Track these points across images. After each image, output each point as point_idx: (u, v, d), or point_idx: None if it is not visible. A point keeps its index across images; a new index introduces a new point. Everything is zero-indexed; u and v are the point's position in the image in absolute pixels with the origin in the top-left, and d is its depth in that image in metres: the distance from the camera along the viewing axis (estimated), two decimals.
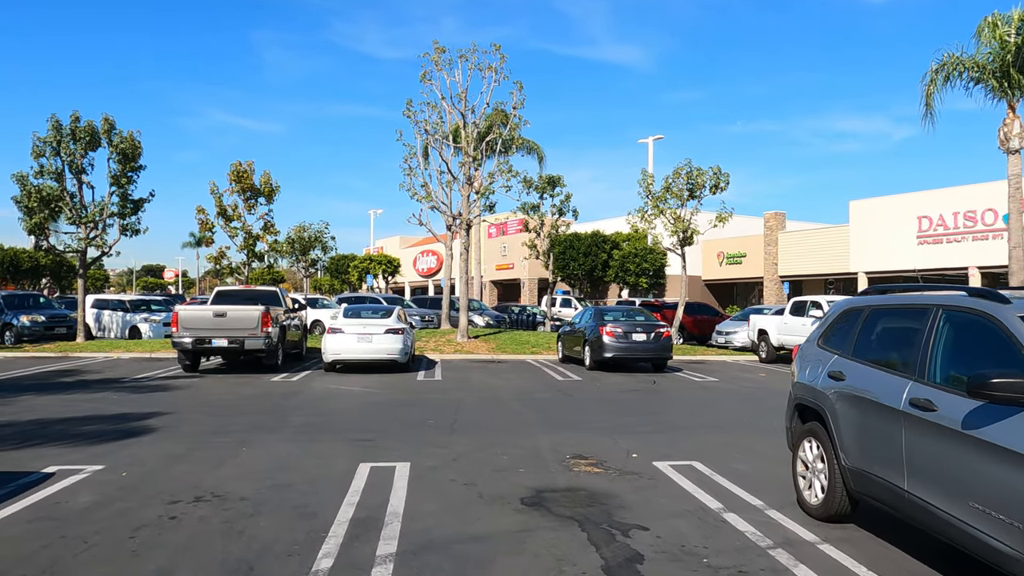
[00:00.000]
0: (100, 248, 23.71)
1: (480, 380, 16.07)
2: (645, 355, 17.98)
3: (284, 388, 14.31)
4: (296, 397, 13.04)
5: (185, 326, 16.33)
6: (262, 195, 23.78)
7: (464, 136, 23.80)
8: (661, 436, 9.61)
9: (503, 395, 13.59)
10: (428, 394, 13.66)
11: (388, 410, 11.62)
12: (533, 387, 14.91)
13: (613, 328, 17.77)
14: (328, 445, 8.70)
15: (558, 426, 10.23)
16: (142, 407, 11.57)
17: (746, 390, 15.14)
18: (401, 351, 17.16)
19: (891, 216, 42.77)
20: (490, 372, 17.86)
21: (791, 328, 20.29)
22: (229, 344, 16.35)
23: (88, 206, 23.42)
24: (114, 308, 27.08)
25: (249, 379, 15.79)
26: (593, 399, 13.32)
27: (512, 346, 23.64)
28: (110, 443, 8.67)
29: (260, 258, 24.48)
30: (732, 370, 19.25)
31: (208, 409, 11.52)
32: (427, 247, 79.13)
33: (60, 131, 22.61)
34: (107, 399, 12.53)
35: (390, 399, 12.92)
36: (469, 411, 11.55)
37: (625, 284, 36.10)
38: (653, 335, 17.86)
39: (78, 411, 11.10)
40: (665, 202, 25.02)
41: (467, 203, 23.99)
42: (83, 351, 21.86)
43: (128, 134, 23.25)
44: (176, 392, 13.62)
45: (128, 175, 23.46)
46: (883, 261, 43.26)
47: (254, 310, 16.49)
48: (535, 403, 12.57)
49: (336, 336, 16.96)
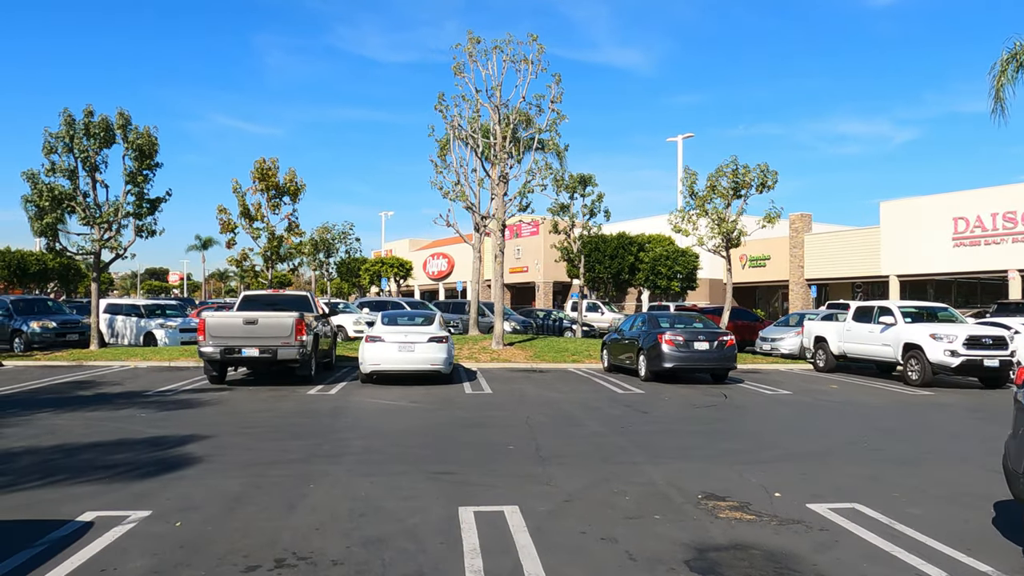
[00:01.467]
0: (115, 250, 22.42)
1: (535, 393, 14.75)
2: (707, 365, 16.64)
3: (326, 403, 12.99)
4: (344, 415, 11.72)
5: (213, 334, 15.02)
6: (287, 194, 22.43)
7: (498, 131, 22.50)
8: (786, 466, 8.27)
9: (571, 411, 12.26)
10: (488, 411, 12.33)
11: (454, 432, 10.30)
12: (597, 401, 13.58)
13: (673, 336, 16.44)
14: (407, 479, 7.38)
15: (659, 453, 8.91)
16: (176, 428, 10.26)
17: (832, 405, 13.79)
18: (445, 361, 15.84)
19: (925, 217, 41.39)
20: (539, 383, 16.54)
21: (856, 336, 18.94)
22: (260, 354, 15.03)
23: (102, 205, 22.14)
24: (127, 313, 25.78)
25: (283, 392, 14.48)
26: (673, 417, 11.98)
27: (550, 354, 22.31)
28: (151, 478, 7.36)
29: (284, 260, 23.17)
30: (795, 380, 17.90)
31: (251, 431, 10.21)
32: (437, 250, 77.94)
33: (73, 126, 21.34)
34: (134, 418, 11.22)
35: (450, 417, 11.59)
36: (546, 433, 10.23)
37: (656, 288, 34.74)
38: (716, 344, 16.53)
39: (105, 434, 9.79)
40: (711, 201, 23.69)
41: (501, 202, 22.69)
42: (98, 359, 20.56)
43: (144, 129, 21.97)
44: (208, 409, 12.30)
45: (144, 173, 22.17)
46: (916, 264, 41.88)
47: (287, 317, 15.19)
48: (613, 422, 11.25)
49: (375, 345, 15.64)
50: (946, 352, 16.10)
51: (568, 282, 62.75)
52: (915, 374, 16.68)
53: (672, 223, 24.62)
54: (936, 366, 16.32)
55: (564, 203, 29.46)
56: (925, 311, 18.27)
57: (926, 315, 18.06)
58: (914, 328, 17.00)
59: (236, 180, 22.04)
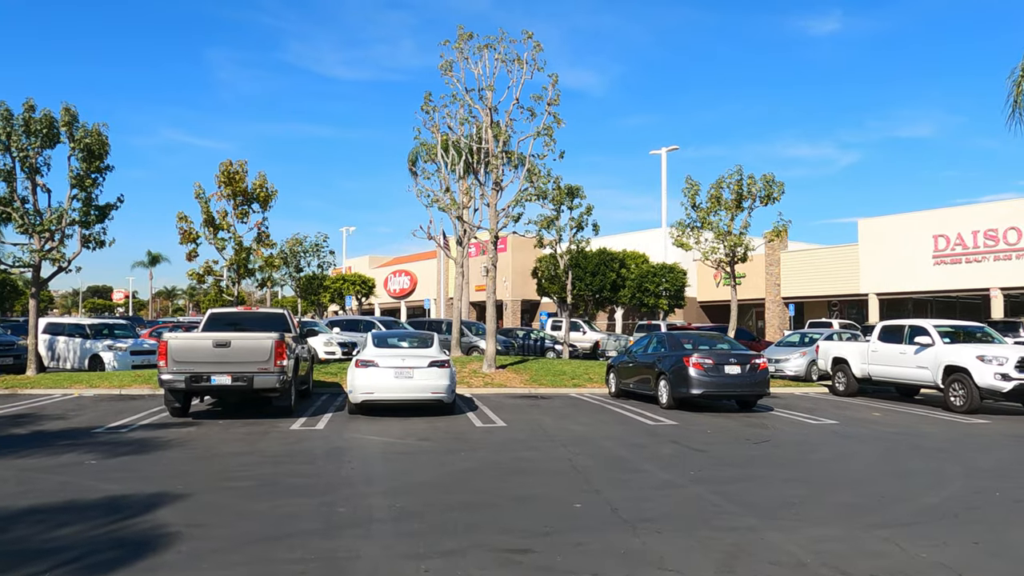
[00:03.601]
0: (57, 262, 19.83)
1: (555, 426, 12.83)
2: (740, 392, 14.96)
3: (317, 442, 10.87)
4: (346, 458, 9.63)
5: (176, 359, 12.74)
6: (256, 201, 20.15)
7: (491, 135, 20.68)
8: (938, 530, 6.52)
9: (614, 451, 10.38)
10: (515, 451, 10.37)
11: (494, 483, 8.32)
12: (633, 435, 11.73)
13: (701, 359, 14.72)
14: (474, 563, 5.38)
15: (765, 510, 7.08)
16: (138, 482, 8.06)
17: (897, 438, 12.17)
18: (447, 388, 13.84)
19: (904, 235, 40.83)
20: (551, 413, 14.64)
21: (884, 357, 17.51)
22: (234, 382, 12.81)
23: (43, 212, 19.57)
24: (71, 333, 23.03)
25: (261, 427, 12.29)
26: (738, 457, 10.19)
27: (547, 377, 20.43)
28: (115, 572, 5.23)
29: (252, 274, 20.82)
30: (826, 407, 16.35)
31: (237, 484, 8.07)
32: (399, 267, 75.75)
33: (10, 122, 18.81)
34: (83, 467, 8.96)
35: (476, 461, 9.60)
36: (605, 482, 8.32)
37: (643, 305, 33.19)
38: (748, 367, 14.86)
39: (45, 493, 7.55)
40: (716, 213, 22.24)
41: (494, 212, 20.82)
42: (36, 387, 17.95)
43: (94, 127, 19.52)
44: (174, 452, 10.08)
45: (93, 176, 19.68)
46: (896, 282, 41.26)
47: (265, 339, 13.00)
48: (673, 464, 9.40)
49: (368, 371, 13.55)
50: (996, 376, 14.71)
51: (537, 300, 61.10)
52: (960, 399, 15.25)
53: (673, 236, 23.10)
54: (984, 391, 14.93)
55: (550, 216, 27.77)
56: (962, 331, 16.96)
57: (963, 335, 16.75)
58: (957, 349, 15.62)
59: (199, 184, 19.71)
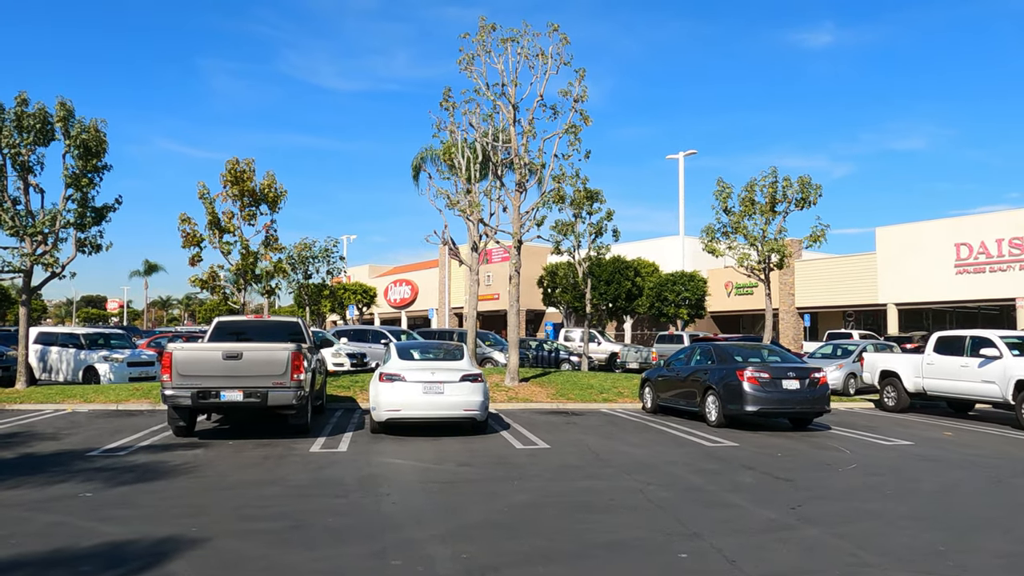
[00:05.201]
0: (50, 267, 18.49)
1: (605, 448, 11.52)
2: (799, 409, 13.65)
3: (344, 468, 9.54)
4: (381, 490, 8.30)
5: (182, 372, 11.40)
6: (264, 201, 18.85)
7: (514, 132, 19.45)
8: None
9: (685, 478, 9.07)
10: (573, 479, 9.06)
11: (567, 523, 6.99)
12: (696, 459, 10.43)
13: (756, 373, 13.43)
14: None
15: (912, 562, 5.79)
16: (142, 522, 6.74)
17: (990, 463, 10.87)
18: (481, 405, 12.52)
19: (925, 243, 39.67)
20: (593, 432, 13.33)
21: (941, 370, 16.26)
22: (246, 398, 11.47)
23: (36, 214, 18.25)
24: (64, 344, 21.64)
25: (276, 449, 10.96)
26: (832, 488, 8.89)
27: (574, 391, 19.12)
28: None
29: (260, 280, 19.48)
30: (886, 424, 15.08)
31: (260, 526, 6.75)
32: (400, 276, 74.54)
33: (1, 116, 17.53)
34: (77, 502, 7.62)
35: (536, 494, 8.27)
36: (698, 521, 7.02)
37: (662, 315, 31.92)
38: (808, 382, 13.58)
39: (33, 539, 6.22)
40: (751, 217, 21.03)
41: (517, 215, 19.56)
42: (26, 401, 16.57)
43: (91, 123, 18.25)
44: (183, 481, 8.74)
45: (89, 175, 18.38)
46: (916, 292, 40.08)
47: (280, 350, 11.69)
48: (764, 497, 8.10)
49: (393, 386, 12.22)
50: None
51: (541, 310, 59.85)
52: None
53: (703, 242, 21.89)
54: None
55: (568, 221, 26.53)
56: None
57: None
58: None
59: (203, 184, 18.39)
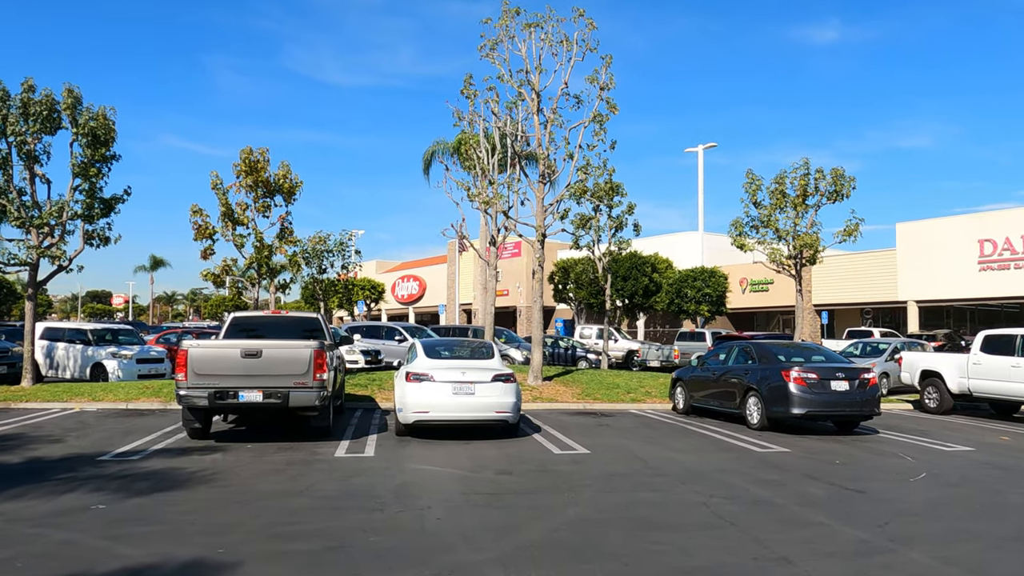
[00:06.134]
0: (57, 260, 17.79)
1: (647, 454, 10.79)
2: (848, 411, 12.88)
3: (375, 477, 8.82)
4: (421, 503, 7.58)
5: (198, 371, 10.69)
6: (279, 192, 18.12)
7: (536, 121, 18.70)
8: None
9: (749, 490, 8.33)
10: (627, 490, 8.33)
11: (636, 543, 6.27)
12: (751, 468, 9.70)
13: (804, 373, 12.67)
14: None
15: None
16: (163, 542, 6.03)
17: None
18: (514, 407, 11.80)
19: (947, 239, 38.78)
20: (629, 435, 12.60)
21: (990, 371, 15.50)
22: (265, 399, 10.77)
23: (43, 205, 17.56)
24: (71, 339, 21.00)
25: (299, 453, 10.26)
26: (908, 498, 8.15)
27: (600, 391, 18.40)
28: None
29: (275, 274, 18.74)
30: (936, 428, 14.32)
31: (294, 546, 6.04)
32: (408, 272, 73.94)
33: (7, 103, 16.82)
34: (89, 516, 6.92)
35: (592, 509, 7.54)
36: (779, 541, 6.29)
37: (682, 312, 31.15)
38: (857, 383, 12.82)
39: (40, 564, 5.51)
40: (783, 210, 20.24)
41: (540, 207, 18.82)
42: (31, 399, 15.90)
43: (99, 110, 17.52)
44: (203, 491, 8.04)
45: (97, 165, 17.67)
46: (938, 289, 39.20)
47: (303, 348, 10.98)
48: (842, 513, 7.36)
49: (421, 387, 11.51)
50: None
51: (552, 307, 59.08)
52: None
53: (731, 236, 21.11)
54: None
55: (588, 215, 25.76)
56: None
57: None
58: None
59: (216, 174, 17.66)
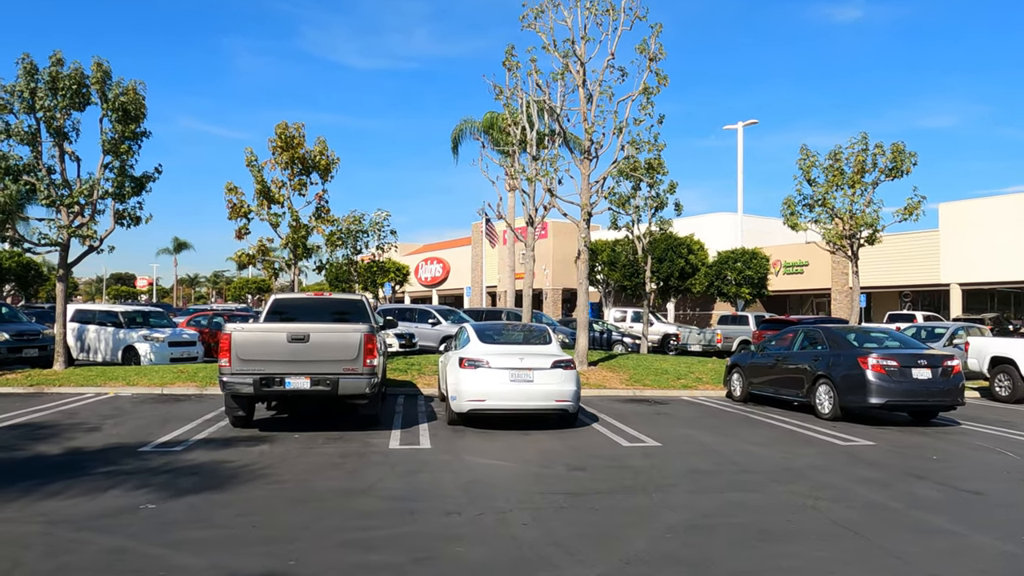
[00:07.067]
0: (87, 240, 17.25)
1: (724, 446, 10.01)
2: (932, 400, 11.97)
3: (439, 473, 8.12)
4: (496, 503, 6.86)
5: (243, 356, 10.04)
6: (316, 169, 17.42)
7: (582, 95, 17.81)
8: None
9: (854, 491, 7.53)
10: (719, 490, 7.56)
11: (759, 559, 5.50)
12: (843, 464, 8.89)
13: (884, 361, 11.79)
14: None
15: None
16: (223, 550, 5.36)
17: None
18: (574, 395, 11.07)
19: (995, 220, 37.31)
20: (694, 425, 11.83)
21: None
22: (313, 386, 10.11)
23: (72, 183, 16.99)
24: (101, 322, 20.52)
25: (350, 444, 9.59)
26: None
27: (649, 376, 17.63)
28: None
29: (310, 254, 18.05)
30: (1015, 417, 13.38)
31: (373, 557, 5.34)
32: (431, 254, 73.29)
33: (34, 77, 16.19)
34: (138, 517, 6.27)
35: (689, 513, 6.78)
36: (924, 558, 5.50)
37: (721, 295, 30.22)
38: (940, 371, 11.92)
39: None
40: (840, 188, 19.25)
41: (586, 184, 17.97)
42: (64, 384, 15.41)
43: (130, 84, 16.86)
44: (258, 489, 7.38)
45: (128, 142, 17.06)
46: (984, 271, 37.83)
47: (353, 332, 10.29)
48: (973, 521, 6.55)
49: (477, 373, 10.80)
50: None
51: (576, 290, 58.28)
52: None
53: (784, 215, 20.16)
54: None
55: (625, 194, 24.87)
56: None
57: None
58: None
59: (251, 150, 16.93)
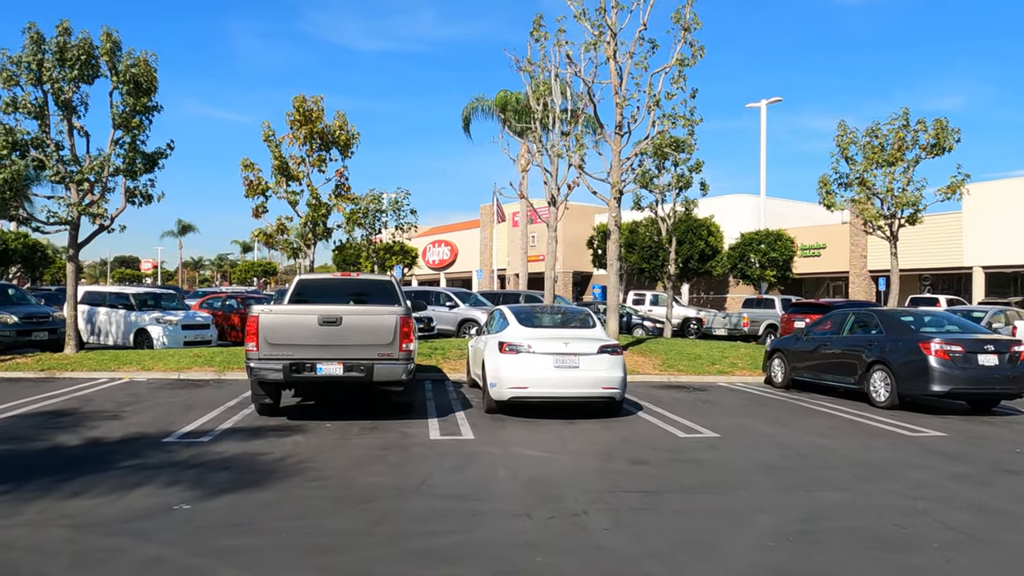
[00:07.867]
0: (98, 219, 16.58)
1: (787, 437, 9.36)
2: (998, 388, 11.27)
3: (490, 468, 7.47)
4: (564, 504, 6.20)
5: (271, 341, 9.38)
6: (335, 145, 16.68)
7: (612, 67, 17.00)
8: None
9: (952, 490, 6.87)
10: (804, 487, 6.89)
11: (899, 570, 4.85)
12: (920, 456, 8.22)
13: (947, 346, 11.09)
14: None
15: None
16: (278, 563, 4.71)
17: None
18: (621, 382, 10.40)
19: (1020, 201, 36.59)
20: (745, 414, 11.16)
21: None
22: (347, 372, 9.46)
23: (82, 160, 16.30)
24: (112, 304, 19.91)
25: (388, 434, 8.95)
26: None
27: (682, 361, 16.97)
28: None
29: (330, 234, 17.35)
30: None
31: (445, 572, 4.69)
32: (438, 237, 72.55)
33: (41, 47, 15.46)
34: (175, 522, 5.62)
35: (783, 517, 6.12)
36: None
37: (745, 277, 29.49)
38: (1008, 357, 11.22)
39: None
40: (880, 166, 18.45)
41: (617, 161, 17.21)
42: (76, 368, 14.81)
43: (141, 56, 16.14)
44: (298, 487, 6.73)
45: (139, 116, 16.35)
46: (1010, 254, 36.96)
47: (387, 314, 9.63)
48: None
49: (518, 359, 10.14)
50: None
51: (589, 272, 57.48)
52: None
53: (820, 194, 19.39)
54: None
55: (650, 172, 24.08)
56: None
57: None
58: None
59: (268, 124, 16.19)
